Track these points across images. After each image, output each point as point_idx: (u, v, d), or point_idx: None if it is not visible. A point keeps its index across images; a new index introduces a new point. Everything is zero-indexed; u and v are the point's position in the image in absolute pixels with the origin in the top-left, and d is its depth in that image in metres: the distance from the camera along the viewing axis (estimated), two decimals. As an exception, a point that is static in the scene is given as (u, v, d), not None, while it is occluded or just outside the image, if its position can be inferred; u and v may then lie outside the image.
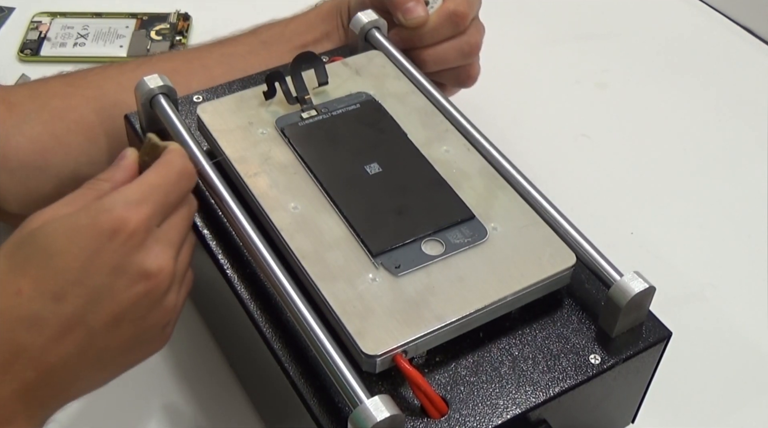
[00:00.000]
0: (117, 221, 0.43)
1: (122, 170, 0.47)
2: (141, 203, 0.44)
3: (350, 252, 0.50)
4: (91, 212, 0.43)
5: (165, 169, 0.46)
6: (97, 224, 0.42)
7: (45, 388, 0.42)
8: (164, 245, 0.45)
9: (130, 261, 0.43)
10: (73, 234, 0.42)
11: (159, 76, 0.58)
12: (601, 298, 0.51)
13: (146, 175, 0.46)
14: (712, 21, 0.93)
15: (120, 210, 0.43)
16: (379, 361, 0.46)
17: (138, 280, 0.43)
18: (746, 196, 0.74)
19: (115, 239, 0.42)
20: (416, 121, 0.58)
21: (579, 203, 0.60)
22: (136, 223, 0.43)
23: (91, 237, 0.42)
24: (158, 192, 0.45)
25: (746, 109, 0.83)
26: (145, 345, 0.47)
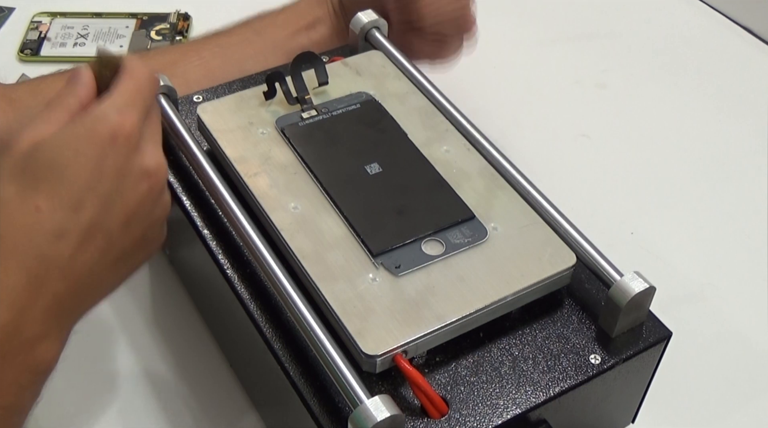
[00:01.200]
0: (114, 127, 0.44)
1: (84, 86, 0.48)
2: (130, 108, 0.45)
3: (350, 252, 0.50)
4: (87, 123, 0.44)
5: (137, 76, 0.48)
6: (97, 132, 0.44)
7: (74, 298, 0.44)
8: (154, 143, 0.47)
9: (132, 163, 0.45)
10: (76, 145, 0.43)
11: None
12: (601, 298, 0.51)
13: (123, 84, 0.47)
14: (712, 21, 0.93)
15: (114, 116, 0.44)
16: (380, 361, 0.46)
17: (141, 179, 0.45)
18: (746, 196, 0.74)
19: (116, 144, 0.44)
20: (416, 120, 0.58)
21: (579, 203, 0.60)
22: (130, 127, 0.45)
23: (94, 145, 0.43)
24: (138, 95, 0.47)
25: (746, 109, 0.83)
26: (150, 243, 0.48)
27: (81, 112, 0.45)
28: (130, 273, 0.48)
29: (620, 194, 0.74)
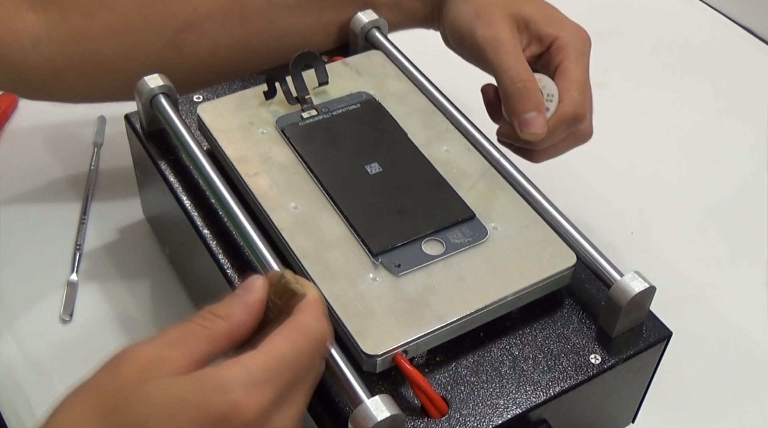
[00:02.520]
0: (232, 407, 0.35)
1: (245, 308, 0.40)
2: (264, 385, 0.36)
3: (351, 252, 0.50)
4: (204, 388, 0.35)
5: (299, 337, 0.39)
6: (208, 406, 0.35)
7: None
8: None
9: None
10: (177, 411, 0.35)
11: (159, 76, 0.58)
12: (602, 298, 0.51)
13: (275, 343, 0.38)
14: (712, 21, 0.93)
15: (238, 392, 0.36)
16: (380, 361, 0.46)
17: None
18: (746, 196, 0.74)
19: (230, 423, 0.35)
20: (416, 120, 0.58)
21: (579, 203, 0.60)
22: (254, 412, 0.36)
23: (197, 420, 0.35)
24: (286, 370, 0.38)
25: (746, 109, 0.83)
26: None
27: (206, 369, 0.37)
28: None
29: (620, 194, 0.74)
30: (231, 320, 0.39)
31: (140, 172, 0.64)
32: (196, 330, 0.38)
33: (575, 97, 0.57)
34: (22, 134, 0.75)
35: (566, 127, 0.58)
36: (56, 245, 0.66)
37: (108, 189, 0.70)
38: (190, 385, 0.36)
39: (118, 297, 0.63)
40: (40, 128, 0.75)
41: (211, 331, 0.38)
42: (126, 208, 0.68)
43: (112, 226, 0.68)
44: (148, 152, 0.59)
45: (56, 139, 0.74)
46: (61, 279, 0.63)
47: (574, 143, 0.60)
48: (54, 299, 0.62)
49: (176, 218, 0.57)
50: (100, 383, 0.36)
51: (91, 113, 0.75)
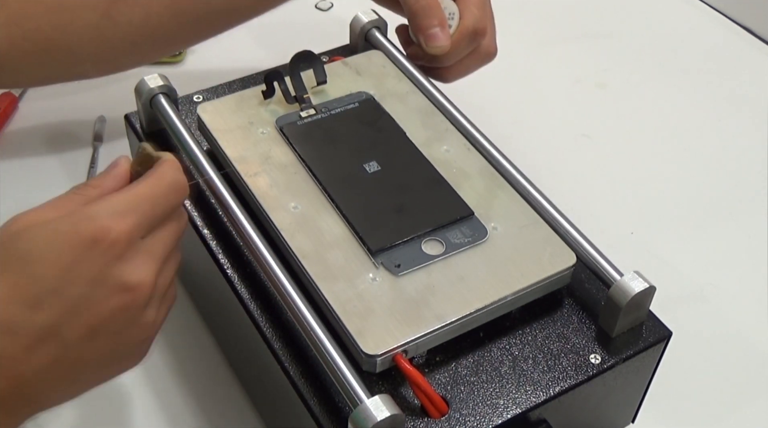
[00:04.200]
0: (99, 230, 0.41)
1: (113, 178, 0.45)
2: (126, 213, 0.42)
3: (350, 251, 0.50)
4: (74, 219, 0.41)
5: (155, 180, 0.45)
6: (78, 232, 0.41)
7: (15, 397, 0.41)
8: (147, 258, 0.43)
9: (109, 273, 0.41)
10: (53, 240, 0.41)
11: (159, 76, 0.58)
12: (602, 298, 0.51)
13: (135, 185, 0.44)
14: (712, 21, 0.93)
15: (103, 219, 0.41)
16: (380, 361, 0.46)
17: (116, 292, 0.41)
18: (746, 196, 0.74)
19: (95, 248, 0.41)
20: (416, 120, 0.58)
21: (579, 203, 0.60)
22: (117, 233, 0.41)
23: (70, 245, 0.41)
24: (146, 203, 0.43)
25: (746, 109, 0.83)
26: (120, 361, 0.45)
27: (81, 206, 0.43)
28: (94, 385, 0.44)
29: (620, 194, 0.74)
30: (101, 187, 0.45)
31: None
32: (71, 197, 0.44)
33: (474, 12, 0.63)
34: (22, 134, 0.75)
35: (469, 41, 0.63)
36: (56, 245, 0.66)
37: (108, 189, 0.70)
38: (63, 220, 0.41)
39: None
40: (40, 128, 0.75)
41: (85, 196, 0.44)
42: (126, 208, 0.68)
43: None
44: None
45: (56, 139, 0.74)
46: (61, 279, 0.63)
47: (480, 60, 0.66)
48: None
49: (176, 218, 0.57)
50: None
51: (91, 113, 0.75)
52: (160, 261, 0.44)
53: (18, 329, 0.40)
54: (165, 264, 0.45)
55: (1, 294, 0.40)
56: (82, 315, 0.41)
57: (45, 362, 0.40)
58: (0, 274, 0.40)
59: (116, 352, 0.43)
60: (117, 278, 0.41)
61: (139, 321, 0.43)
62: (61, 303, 0.40)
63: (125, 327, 0.43)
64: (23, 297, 0.40)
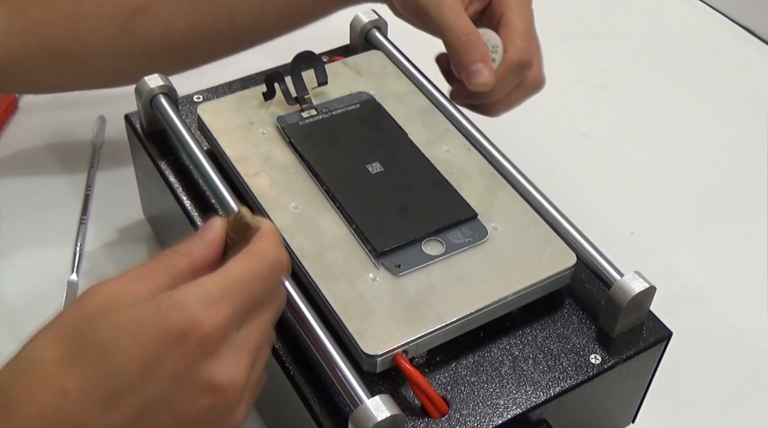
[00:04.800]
0: (189, 322, 0.36)
1: (205, 245, 0.41)
2: (221, 302, 0.37)
3: (351, 252, 0.50)
4: (162, 307, 0.36)
5: (255, 261, 0.39)
6: (166, 323, 0.36)
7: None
8: (240, 353, 0.38)
9: (196, 371, 0.36)
10: (137, 331, 0.36)
11: (159, 76, 0.58)
12: (602, 298, 0.51)
13: (231, 266, 0.39)
14: (712, 21, 0.93)
15: (195, 308, 0.36)
16: (380, 361, 0.46)
17: (203, 394, 0.37)
18: (746, 196, 0.74)
19: (184, 343, 0.36)
20: (416, 120, 0.58)
21: (579, 203, 0.60)
22: (210, 327, 0.36)
23: (156, 337, 0.36)
24: (243, 289, 0.38)
25: (746, 109, 0.83)
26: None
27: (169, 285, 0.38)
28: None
29: (620, 194, 0.74)
30: (191, 256, 0.40)
31: (140, 172, 0.64)
32: (158, 266, 0.40)
33: (519, 44, 0.58)
34: (22, 134, 0.75)
35: (514, 75, 0.58)
36: (56, 245, 0.66)
37: (108, 189, 0.70)
38: (149, 306, 0.37)
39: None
40: (40, 128, 0.75)
41: (173, 267, 0.39)
42: (126, 208, 0.68)
43: (112, 226, 0.68)
44: (148, 152, 0.59)
45: (56, 139, 0.74)
46: (61, 279, 0.63)
47: (527, 92, 0.61)
48: (54, 299, 0.62)
49: (176, 218, 0.57)
50: (66, 315, 0.38)
51: (91, 113, 0.75)
52: (255, 354, 0.39)
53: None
54: (259, 354, 0.40)
55: (73, 390, 0.35)
56: (163, 417, 0.36)
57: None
58: (73, 364, 0.36)
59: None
60: (205, 378, 0.37)
61: (227, 423, 0.39)
62: (140, 403, 0.36)
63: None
64: (98, 395, 0.35)
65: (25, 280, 0.64)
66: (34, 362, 0.36)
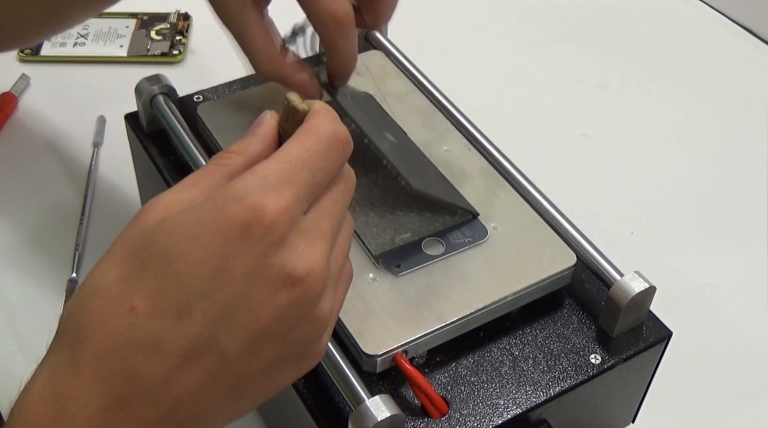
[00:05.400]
0: (250, 212, 0.33)
1: (259, 140, 0.38)
2: (281, 186, 0.34)
3: (351, 251, 0.50)
4: (218, 202, 0.34)
5: (310, 139, 0.36)
6: (226, 218, 0.34)
7: (171, 426, 0.34)
8: (313, 239, 0.35)
9: (268, 264, 0.34)
10: (198, 233, 0.34)
11: (159, 76, 0.58)
12: (602, 298, 0.51)
13: (286, 148, 0.36)
14: (712, 21, 0.93)
15: (254, 197, 0.34)
16: (380, 361, 0.46)
17: (280, 287, 0.34)
18: (746, 196, 0.74)
19: (249, 236, 0.33)
20: (416, 120, 0.58)
21: (579, 203, 0.61)
22: (274, 213, 0.34)
23: (218, 234, 0.33)
24: (302, 169, 0.35)
25: (746, 109, 0.83)
26: (292, 365, 0.37)
27: (225, 182, 0.36)
28: (263, 399, 0.37)
29: (620, 194, 0.74)
30: (246, 153, 0.37)
31: (140, 172, 0.64)
32: (213, 169, 0.37)
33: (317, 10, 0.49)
34: (22, 134, 0.75)
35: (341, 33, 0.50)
36: (56, 245, 0.66)
37: (108, 189, 0.70)
38: (205, 205, 0.34)
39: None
40: (40, 128, 0.75)
41: (228, 167, 0.37)
42: (126, 207, 0.68)
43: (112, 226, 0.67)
44: (148, 152, 0.59)
45: (56, 139, 0.74)
46: (61, 279, 0.63)
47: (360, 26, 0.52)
48: (54, 299, 0.62)
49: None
50: (124, 235, 0.36)
51: (91, 113, 0.75)
52: (331, 238, 0.36)
53: (166, 345, 0.33)
54: (336, 239, 0.37)
55: (141, 306, 0.33)
56: (241, 319, 0.34)
57: (201, 380, 0.34)
58: (138, 280, 0.34)
59: (287, 357, 0.36)
60: (279, 269, 0.34)
61: (312, 316, 0.36)
62: (214, 308, 0.33)
63: (295, 327, 0.35)
64: (168, 307, 0.33)
65: (25, 280, 0.64)
66: (99, 287, 0.34)
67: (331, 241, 0.36)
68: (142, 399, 0.33)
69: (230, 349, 0.34)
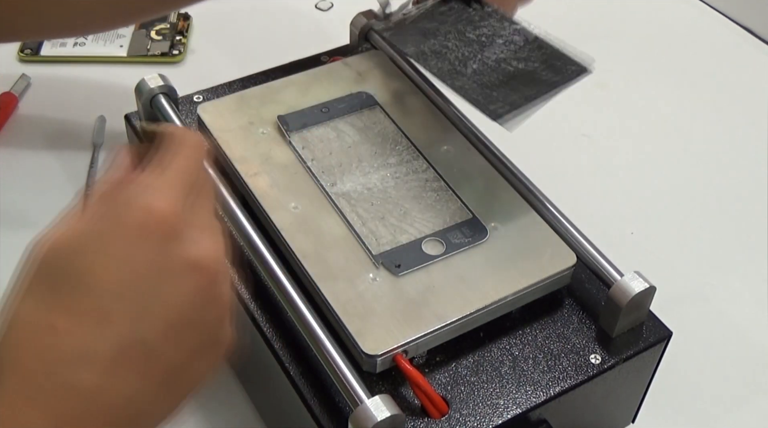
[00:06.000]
0: (143, 212, 0.36)
1: (119, 168, 0.40)
2: (161, 187, 0.37)
3: (351, 252, 0.50)
4: (110, 214, 0.36)
5: (173, 146, 0.39)
6: (122, 224, 0.36)
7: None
8: (201, 228, 0.38)
9: (171, 256, 0.36)
10: (99, 245, 0.35)
11: (159, 76, 0.58)
12: (602, 298, 0.51)
13: (156, 161, 0.39)
14: (712, 21, 0.93)
15: (141, 200, 0.36)
16: (380, 361, 0.46)
17: (186, 274, 0.36)
18: (746, 196, 0.74)
19: (147, 234, 0.36)
20: (416, 120, 0.58)
21: (579, 203, 0.60)
22: (164, 210, 0.36)
23: (118, 240, 0.35)
24: (176, 171, 0.38)
25: (746, 109, 0.83)
26: (210, 351, 0.39)
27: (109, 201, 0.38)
28: (189, 392, 0.38)
29: (620, 194, 0.74)
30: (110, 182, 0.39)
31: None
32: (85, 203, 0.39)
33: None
34: (22, 134, 0.75)
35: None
36: (56, 245, 0.66)
37: (108, 189, 0.70)
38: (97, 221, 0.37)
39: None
40: (40, 128, 0.75)
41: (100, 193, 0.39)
42: (126, 208, 0.68)
43: (112, 226, 0.68)
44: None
45: (56, 139, 0.74)
46: (61, 279, 0.63)
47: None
48: (54, 299, 0.62)
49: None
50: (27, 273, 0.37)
51: (91, 113, 0.75)
52: (215, 227, 0.39)
53: (93, 354, 0.34)
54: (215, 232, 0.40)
55: (61, 323, 0.34)
56: (158, 312, 0.35)
57: (134, 379, 0.35)
58: (51, 303, 0.35)
59: (204, 344, 0.38)
60: (182, 258, 0.36)
61: (217, 298, 0.38)
62: (130, 307, 0.35)
63: (204, 310, 0.37)
64: (87, 316, 0.34)
65: (25, 280, 0.64)
66: (15, 321, 0.35)
67: (215, 230, 0.39)
68: (82, 414, 0.34)
69: (154, 343, 0.35)
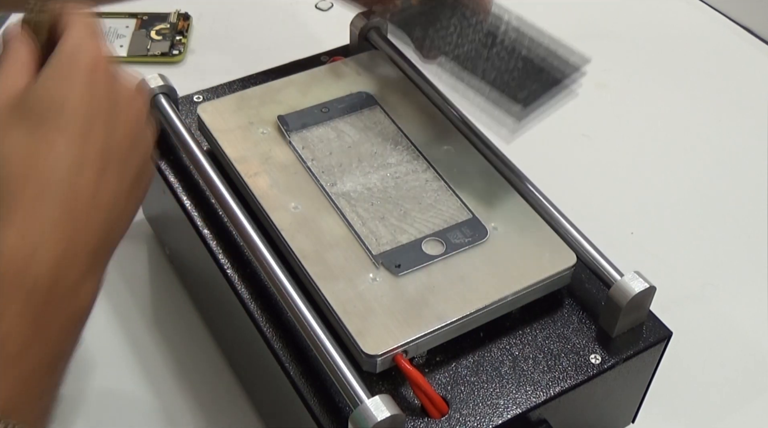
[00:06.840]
0: (92, 55, 0.43)
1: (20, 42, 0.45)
2: (95, 37, 0.44)
3: (351, 251, 0.50)
4: (64, 59, 0.42)
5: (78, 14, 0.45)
6: (79, 63, 0.42)
7: (107, 230, 0.42)
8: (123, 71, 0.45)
9: (118, 86, 0.44)
10: (64, 79, 0.42)
11: (159, 76, 0.58)
12: (602, 298, 0.51)
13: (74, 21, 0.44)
14: (712, 21, 0.93)
15: (87, 45, 0.43)
16: (380, 361, 0.46)
17: (131, 100, 0.44)
18: (746, 196, 0.74)
19: (98, 71, 0.43)
20: (416, 120, 0.58)
21: (579, 203, 0.60)
22: (103, 54, 0.43)
23: (81, 75, 0.42)
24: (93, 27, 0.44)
25: (746, 109, 0.83)
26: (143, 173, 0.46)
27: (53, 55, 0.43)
28: (143, 195, 0.46)
29: (620, 194, 0.74)
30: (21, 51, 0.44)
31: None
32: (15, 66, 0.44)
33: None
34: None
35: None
36: (56, 245, 0.66)
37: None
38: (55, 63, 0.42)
39: (118, 296, 0.63)
40: (40, 128, 0.75)
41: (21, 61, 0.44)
42: (126, 207, 0.68)
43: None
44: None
45: (56, 139, 0.74)
46: (61, 279, 0.63)
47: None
48: (54, 299, 0.62)
49: (176, 218, 0.57)
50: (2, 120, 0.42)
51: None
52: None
53: (86, 161, 0.41)
54: None
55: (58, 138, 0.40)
56: (120, 128, 0.43)
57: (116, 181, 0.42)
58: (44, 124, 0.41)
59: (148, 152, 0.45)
60: (125, 88, 0.44)
61: (149, 121, 0.46)
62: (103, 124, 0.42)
63: (146, 126, 0.45)
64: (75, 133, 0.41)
65: (25, 280, 0.64)
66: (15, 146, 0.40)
67: None
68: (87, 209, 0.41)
69: (123, 152, 0.43)
